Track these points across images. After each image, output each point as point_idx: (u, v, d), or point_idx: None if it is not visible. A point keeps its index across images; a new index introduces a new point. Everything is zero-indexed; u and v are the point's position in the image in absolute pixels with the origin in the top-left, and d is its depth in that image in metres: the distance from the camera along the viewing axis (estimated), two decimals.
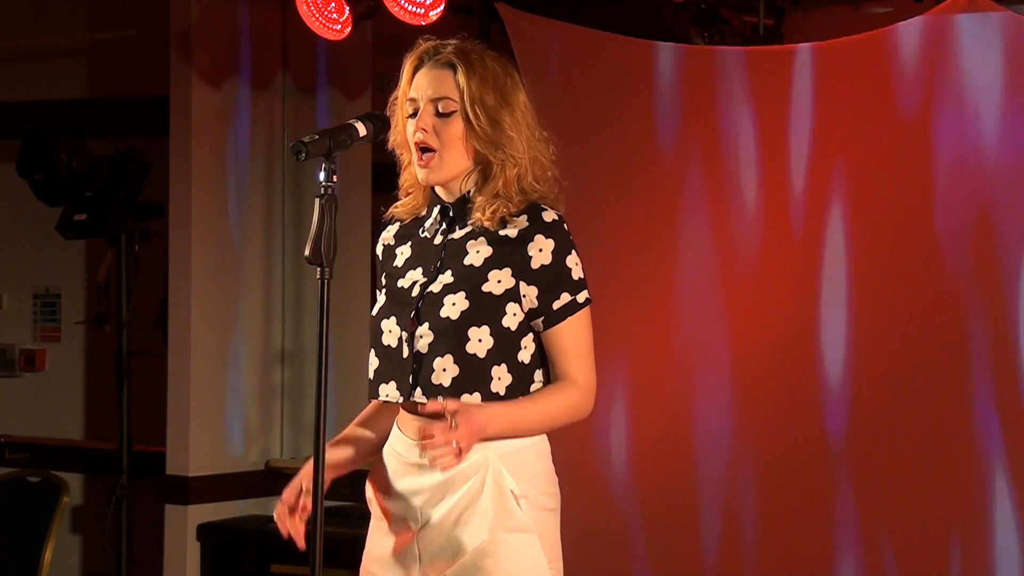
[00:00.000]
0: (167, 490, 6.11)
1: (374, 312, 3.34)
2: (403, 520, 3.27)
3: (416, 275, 3.29)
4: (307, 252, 3.08)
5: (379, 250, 3.43)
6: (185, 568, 6.04)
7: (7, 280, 7.15)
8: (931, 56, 5.00)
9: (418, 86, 3.26)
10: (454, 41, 3.29)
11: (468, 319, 3.19)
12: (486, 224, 3.22)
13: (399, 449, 3.30)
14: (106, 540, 6.02)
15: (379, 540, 3.33)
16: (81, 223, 6.06)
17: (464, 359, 3.18)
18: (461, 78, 3.22)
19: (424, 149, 3.25)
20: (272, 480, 6.26)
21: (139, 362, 6.17)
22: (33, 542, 5.57)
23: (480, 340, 3.19)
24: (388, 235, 3.42)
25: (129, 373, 6.05)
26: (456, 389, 3.18)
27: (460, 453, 3.08)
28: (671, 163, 5.40)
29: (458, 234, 3.28)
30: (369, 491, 3.36)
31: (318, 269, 3.08)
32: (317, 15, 5.50)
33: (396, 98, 3.32)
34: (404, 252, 3.36)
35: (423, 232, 3.34)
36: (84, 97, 6.93)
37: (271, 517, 6.08)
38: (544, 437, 3.29)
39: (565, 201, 3.34)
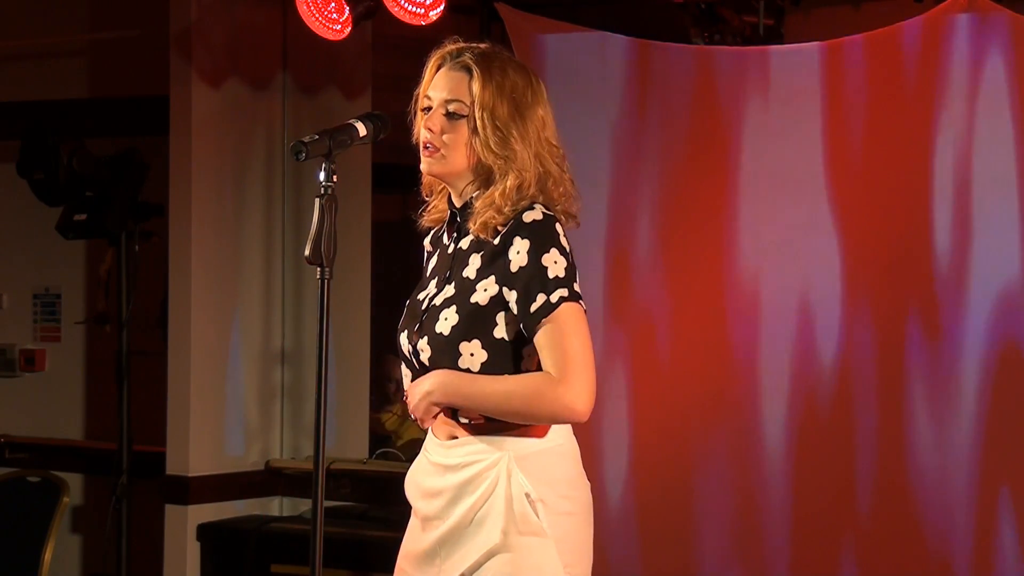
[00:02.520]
0: (167, 490, 6.10)
1: (399, 323, 3.37)
2: (429, 519, 3.27)
3: (432, 287, 3.30)
4: (307, 252, 3.08)
5: (424, 256, 3.44)
6: (185, 568, 6.04)
7: (7, 280, 7.15)
8: (931, 56, 5.00)
9: (435, 85, 3.26)
10: (482, 46, 3.28)
11: (458, 334, 3.17)
12: (479, 233, 3.21)
13: (429, 450, 3.31)
14: (106, 540, 6.02)
15: (412, 537, 3.34)
16: (81, 223, 6.06)
17: None
18: (476, 84, 3.20)
19: (428, 147, 3.25)
20: (272, 480, 6.27)
21: (139, 362, 6.17)
22: (33, 542, 5.56)
23: (472, 355, 3.17)
24: (427, 242, 3.44)
25: (129, 373, 6.04)
26: None
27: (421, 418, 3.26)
28: (671, 163, 5.39)
29: (464, 243, 3.27)
30: (407, 490, 3.36)
31: (318, 269, 3.08)
32: (317, 15, 5.50)
33: (417, 95, 3.31)
34: (433, 261, 3.38)
35: (444, 240, 3.35)
36: (84, 97, 6.93)
37: (271, 517, 6.14)
38: (569, 439, 3.25)
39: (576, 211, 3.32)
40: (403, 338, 3.30)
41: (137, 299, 6.11)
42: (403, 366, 3.33)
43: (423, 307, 3.27)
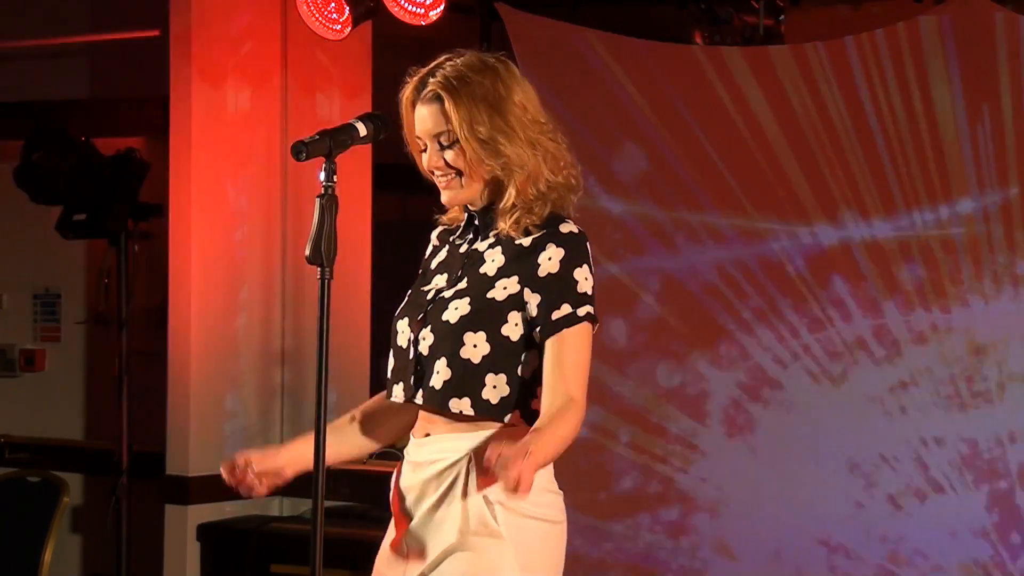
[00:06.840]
0: (167, 490, 6.10)
1: (396, 312, 3.36)
2: (401, 517, 3.29)
3: (440, 281, 3.31)
4: (307, 252, 3.08)
5: (429, 249, 3.45)
6: (185, 568, 6.04)
7: (7, 280, 7.15)
8: (930, 54, 5.01)
9: (418, 127, 3.26)
10: (438, 68, 3.25)
11: (465, 324, 3.18)
12: (511, 233, 3.21)
13: (408, 449, 3.32)
14: (106, 540, 6.02)
15: (388, 536, 3.36)
16: (81, 223, 6.06)
17: (457, 363, 3.17)
18: (449, 107, 3.20)
19: (445, 177, 3.26)
20: None
21: (139, 362, 6.17)
22: (33, 542, 5.57)
23: (475, 346, 3.17)
24: (435, 235, 3.45)
25: (129, 373, 6.04)
26: (445, 393, 3.18)
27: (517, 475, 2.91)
28: (670, 163, 5.40)
29: (482, 244, 3.28)
30: (391, 491, 3.37)
31: (318, 269, 3.08)
32: (317, 15, 5.51)
33: (407, 140, 3.32)
34: (440, 256, 3.38)
35: (455, 239, 3.36)
36: (84, 97, 6.94)
37: (271, 517, 6.15)
38: None
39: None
40: (402, 325, 3.29)
41: (137, 299, 6.12)
42: (390, 353, 3.32)
43: (428, 298, 3.27)
